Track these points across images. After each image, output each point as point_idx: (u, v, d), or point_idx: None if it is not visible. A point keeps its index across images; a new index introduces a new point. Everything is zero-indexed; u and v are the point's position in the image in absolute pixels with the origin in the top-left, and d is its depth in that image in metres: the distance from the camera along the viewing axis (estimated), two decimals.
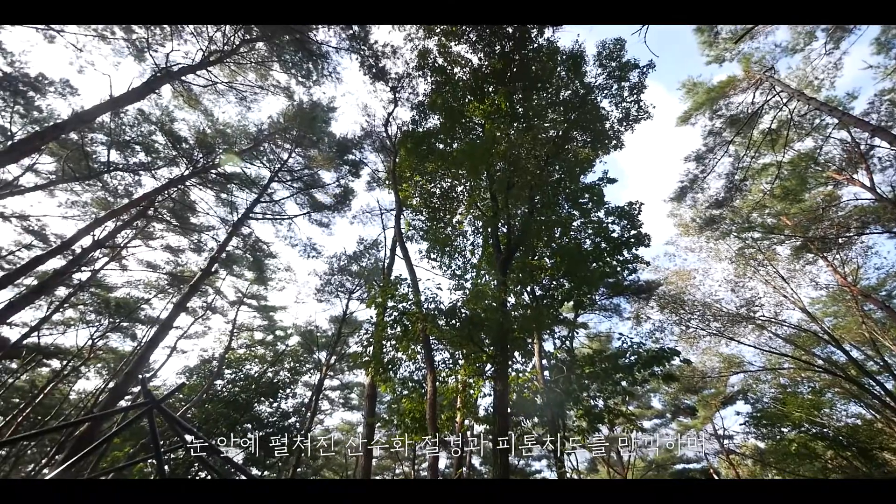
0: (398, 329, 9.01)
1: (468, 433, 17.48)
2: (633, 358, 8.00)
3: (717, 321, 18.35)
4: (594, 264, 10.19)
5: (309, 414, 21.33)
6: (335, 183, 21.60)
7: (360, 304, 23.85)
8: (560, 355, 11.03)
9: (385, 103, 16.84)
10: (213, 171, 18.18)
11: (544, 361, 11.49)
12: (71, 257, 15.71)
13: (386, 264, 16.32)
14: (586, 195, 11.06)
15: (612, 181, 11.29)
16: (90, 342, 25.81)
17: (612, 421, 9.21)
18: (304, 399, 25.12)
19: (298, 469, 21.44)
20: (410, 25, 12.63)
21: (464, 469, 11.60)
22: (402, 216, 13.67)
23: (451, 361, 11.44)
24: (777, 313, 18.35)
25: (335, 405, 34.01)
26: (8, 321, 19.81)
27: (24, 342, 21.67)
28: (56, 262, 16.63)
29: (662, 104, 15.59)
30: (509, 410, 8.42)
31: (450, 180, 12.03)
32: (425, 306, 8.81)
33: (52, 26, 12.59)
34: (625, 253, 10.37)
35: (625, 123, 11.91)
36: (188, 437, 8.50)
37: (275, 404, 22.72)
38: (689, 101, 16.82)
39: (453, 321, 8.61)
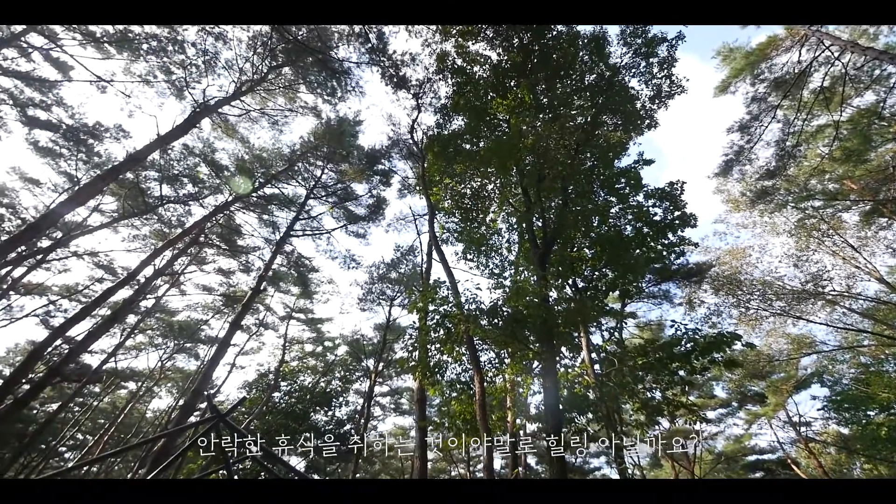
0: (441, 332, 9.05)
1: (521, 432, 17.26)
2: (689, 345, 7.58)
3: (781, 300, 17.04)
4: (637, 251, 9.79)
5: (362, 420, 21.89)
6: (367, 194, 22.11)
7: (402, 310, 24.23)
8: (610, 347, 10.66)
9: (409, 110, 17.06)
10: (254, 194, 19.14)
11: (593, 355, 11.13)
12: (137, 287, 17.06)
13: (424, 269, 16.47)
14: (622, 180, 10.65)
15: (649, 163, 10.80)
16: (160, 364, 27.90)
17: (671, 413, 8.76)
18: (356, 406, 25.80)
19: (357, 475, 22.02)
20: (418, 26, 12.73)
21: (519, 469, 11.44)
22: (434, 220, 13.77)
23: (496, 361, 11.35)
24: (850, 286, 16.79)
25: (386, 410, 34.68)
26: (89, 349, 21.79)
27: (104, 367, 23.76)
28: (125, 293, 18.08)
29: (697, 75, 14.76)
30: (561, 407, 8.22)
31: (479, 179, 11.98)
32: (466, 307, 8.80)
33: (103, 78, 13.74)
34: (669, 236, 9.89)
35: (657, 101, 11.36)
36: (253, 448, 8.93)
37: (329, 413, 23.47)
38: (727, 68, 15.79)
39: (495, 320, 8.54)
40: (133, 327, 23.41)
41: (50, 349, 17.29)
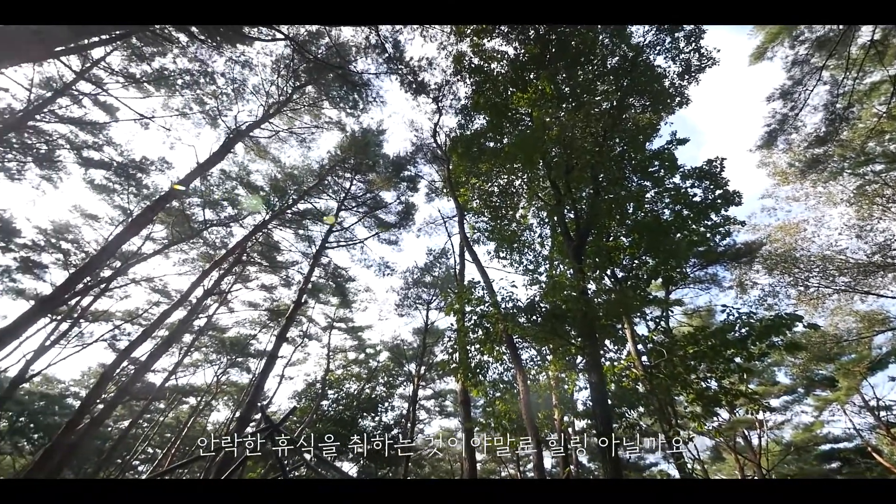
0: (480, 332, 9.00)
1: (569, 430, 16.87)
2: (743, 330, 7.13)
3: (845, 275, 15.74)
4: (678, 235, 9.35)
5: (409, 424, 22.15)
6: (396, 201, 22.42)
7: (439, 313, 24.34)
8: (657, 338, 10.22)
9: (430, 115, 17.18)
10: (289, 211, 19.87)
11: (640, 346, 10.72)
12: (189, 307, 18.10)
13: (457, 270, 16.49)
14: (655, 163, 10.22)
15: (683, 142, 10.30)
16: (215, 379, 29.46)
17: (730, 403, 8.28)
18: (402, 411, 26.14)
19: (408, 478, 22.28)
20: (432, 30, 12.77)
21: (571, 468, 11.17)
22: (464, 221, 13.75)
23: (538, 358, 11.17)
24: None
25: (432, 414, 34.91)
26: (152, 369, 23.32)
27: (167, 385, 25.37)
28: (179, 314, 19.24)
29: (728, 45, 13.94)
30: (609, 402, 7.96)
31: (506, 176, 11.86)
32: (503, 306, 8.71)
33: (145, 115, 14.71)
34: (712, 217, 9.39)
35: (686, 77, 10.82)
36: (306, 455, 9.23)
37: (376, 418, 23.92)
38: (761, 33, 14.82)
39: (534, 317, 8.40)
40: (189, 346, 24.88)
41: (118, 370, 18.65)
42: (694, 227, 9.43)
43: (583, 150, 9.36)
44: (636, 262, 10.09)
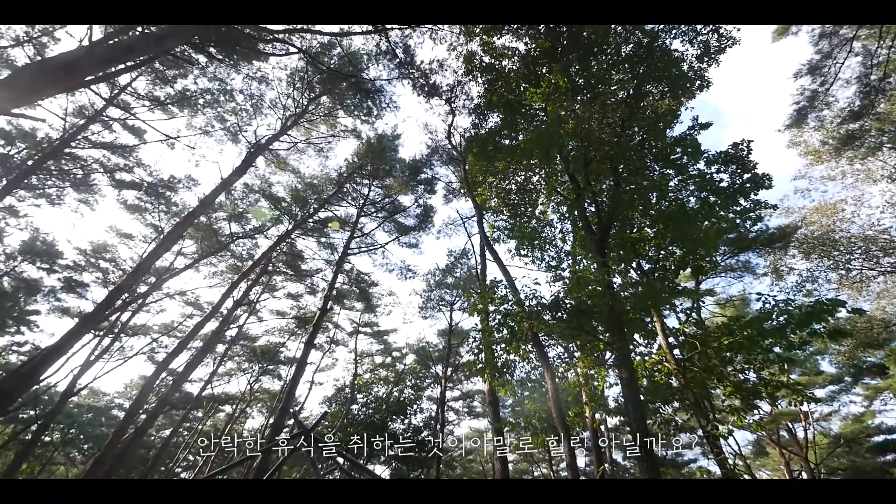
0: (505, 331, 8.94)
1: (602, 427, 16.53)
2: (781, 319, 6.81)
3: (890, 255, 14.86)
4: (705, 223, 9.04)
5: (438, 426, 22.19)
6: (414, 204, 22.57)
7: (462, 313, 24.33)
8: (688, 330, 9.90)
9: (443, 116, 17.22)
10: (311, 220, 20.27)
11: (671, 339, 10.41)
12: (221, 318, 18.69)
13: (479, 270, 16.44)
14: (678, 150, 9.91)
15: (706, 126, 9.96)
16: (249, 387, 30.29)
17: (771, 395, 7.93)
18: (430, 413, 26.24)
19: (442, 478, 22.31)
20: (442, 32, 12.78)
21: (605, 466, 10.94)
22: (483, 220, 13.70)
23: (566, 355, 11.00)
24: None
25: (460, 415, 34.89)
26: (189, 379, 24.18)
27: (203, 394, 26.26)
28: (212, 325, 19.88)
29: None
30: (642, 398, 7.76)
31: (523, 173, 11.75)
32: (527, 304, 8.63)
33: (170, 136, 15.32)
34: (741, 202, 9.03)
35: (705, 59, 10.46)
36: (339, 459, 9.35)
37: (406, 421, 24.07)
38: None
39: (559, 314, 8.29)
40: (222, 355, 25.68)
41: (158, 382, 19.44)
42: (722, 213, 9.09)
43: (601, 142, 9.17)
44: (662, 252, 9.81)
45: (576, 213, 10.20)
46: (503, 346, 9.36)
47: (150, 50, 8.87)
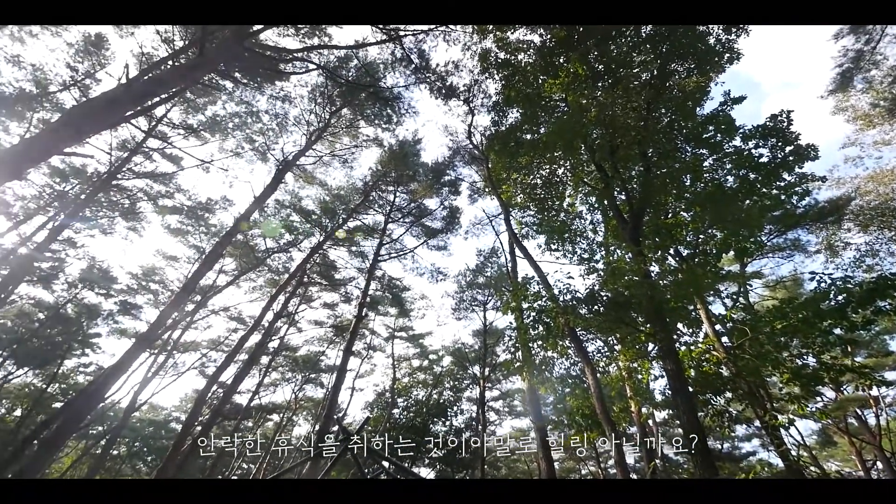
0: (540, 328, 8.80)
1: (649, 422, 15.95)
2: (840, 298, 6.34)
3: None
4: (746, 202, 8.57)
5: (480, 427, 22.11)
6: (440, 207, 22.64)
7: (496, 312, 24.16)
8: (736, 315, 9.40)
9: (462, 117, 17.19)
10: (341, 230, 20.77)
11: (718, 327, 9.92)
12: (263, 331, 19.43)
13: (509, 268, 16.29)
14: (710, 127, 9.45)
15: (739, 100, 9.44)
16: (293, 395, 31.31)
17: (834, 380, 7.41)
18: (471, 414, 26.18)
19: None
20: (455, 33, 12.76)
21: (656, 461, 10.54)
22: (510, 217, 13.57)
23: (606, 349, 10.71)
24: None
25: (501, 414, 34.62)
26: (237, 390, 25.26)
27: (252, 404, 27.36)
28: (255, 338, 20.70)
29: None
30: (691, 389, 7.43)
31: (547, 166, 11.57)
32: (561, 299, 8.46)
33: (205, 160, 16.12)
34: (785, 176, 8.50)
35: (734, 29, 9.92)
36: (385, 463, 9.50)
37: (447, 423, 24.14)
38: None
39: (595, 307, 8.07)
40: (267, 366, 26.67)
41: (210, 394, 20.43)
42: (764, 190, 8.59)
43: (626, 127, 8.89)
44: (702, 236, 9.37)
45: (605, 202, 9.92)
46: (540, 343, 9.22)
47: (180, 81, 9.38)
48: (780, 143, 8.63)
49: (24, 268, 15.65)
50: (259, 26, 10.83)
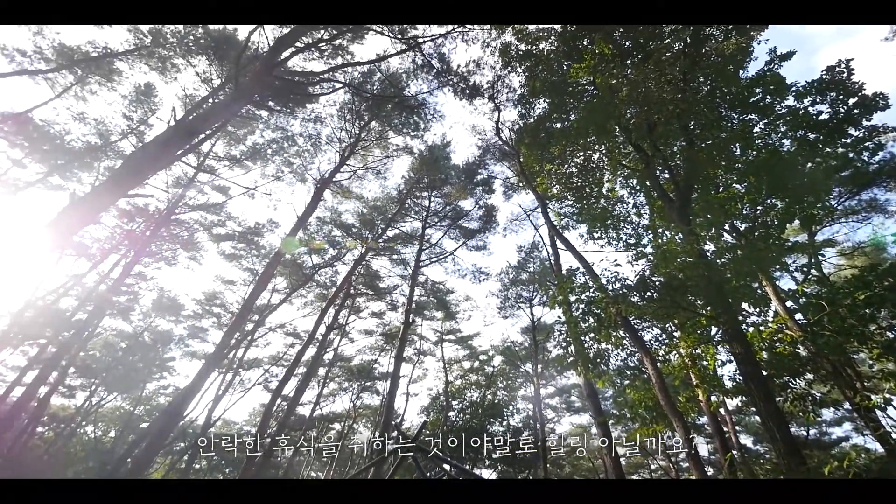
0: (591, 320, 8.52)
1: (721, 410, 14.95)
2: None
3: None
4: (808, 165, 7.86)
5: (538, 425, 21.72)
6: (475, 206, 22.59)
7: (543, 308, 23.70)
8: (809, 289, 8.61)
9: (489, 114, 17.07)
10: (381, 240, 21.25)
11: (789, 304, 9.13)
12: (318, 344, 20.24)
13: (552, 261, 15.93)
14: (757, 90, 8.76)
15: (787, 56, 8.69)
16: (351, 404, 32.31)
17: None
18: (527, 412, 25.79)
19: (550, 478, 21.76)
20: (472, 33, 12.69)
21: (733, 453, 9.85)
22: (548, 210, 13.29)
23: (664, 337, 10.18)
24: None
25: (559, 412, 33.86)
26: (300, 402, 26.44)
27: (314, 415, 28.53)
28: (311, 351, 21.59)
29: None
30: (764, 373, 6.88)
31: (581, 153, 11.21)
32: (610, 288, 8.14)
33: (250, 187, 17.08)
34: (851, 132, 7.71)
35: None
36: (445, 466, 9.56)
37: (504, 422, 23.91)
38: None
39: (648, 293, 7.70)
40: (324, 378, 27.75)
41: (275, 408, 21.55)
42: (828, 150, 7.84)
43: (662, 102, 8.43)
44: (760, 208, 8.68)
45: (647, 183, 9.46)
46: (592, 335, 8.92)
47: (221, 116, 10.02)
48: (840, 97, 7.85)
49: (106, 303, 17.29)
50: (286, 53, 11.35)
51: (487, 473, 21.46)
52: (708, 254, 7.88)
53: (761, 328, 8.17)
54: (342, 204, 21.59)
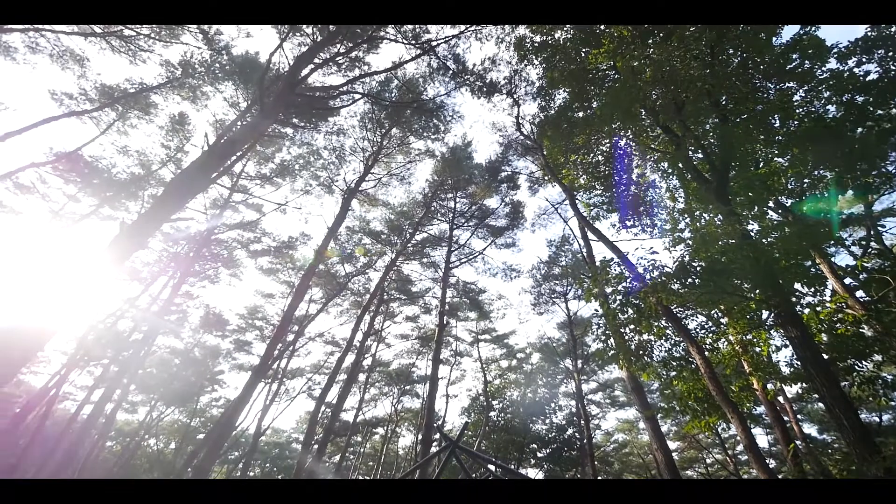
0: (630, 311, 8.25)
1: (779, 398, 14.08)
2: None
3: None
4: (858, 130, 7.29)
5: (582, 421, 21.23)
6: (502, 204, 22.42)
7: (578, 301, 23.20)
8: (870, 264, 7.98)
9: (508, 110, 16.91)
10: (409, 245, 21.46)
11: (848, 280, 8.49)
12: (356, 350, 20.66)
13: (584, 253, 15.56)
14: (793, 56, 8.22)
15: None
16: (393, 408, 32.75)
17: None
18: (570, 409, 25.27)
19: (599, 477, 21.21)
20: (486, 31, 12.58)
21: (796, 443, 9.25)
22: (576, 201, 13.00)
23: (710, 324, 9.72)
24: None
25: (603, 407, 32.96)
26: (343, 409, 27.07)
27: (357, 420, 29.11)
28: (350, 358, 22.08)
29: None
30: (826, 356, 6.43)
31: (607, 140, 10.90)
32: (647, 277, 7.85)
33: (281, 203, 17.70)
34: None
35: None
36: (490, 467, 9.50)
37: (547, 420, 23.53)
38: None
39: (689, 279, 7.37)
40: (365, 383, 28.29)
41: (320, 415, 22.16)
42: (880, 112, 7.24)
43: (690, 80, 8.06)
44: (807, 181, 8.14)
45: (680, 165, 9.06)
46: (632, 326, 8.64)
47: (250, 137, 10.43)
48: (891, 53, 7.24)
49: (158, 322, 18.36)
50: (306, 71, 11.69)
51: (533, 473, 21.17)
52: (752, 234, 7.45)
53: (818, 309, 7.64)
54: (370, 212, 22.00)
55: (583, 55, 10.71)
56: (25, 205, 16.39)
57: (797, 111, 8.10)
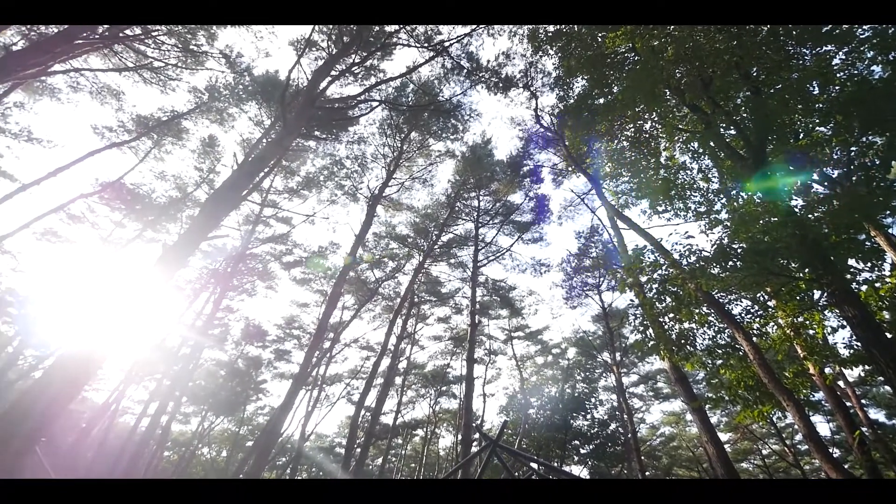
0: (668, 300, 7.95)
1: (839, 383, 13.19)
2: None
3: None
4: None
5: (625, 416, 20.65)
6: (526, 199, 22.16)
7: (613, 293, 22.59)
8: None
9: (526, 103, 16.69)
10: (436, 247, 21.56)
11: None
12: (391, 354, 20.94)
13: (616, 243, 15.13)
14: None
15: None
16: (431, 409, 32.97)
17: None
18: (612, 403, 24.63)
19: (646, 473, 20.56)
20: (497, 28, 12.45)
21: (862, 430, 8.64)
22: (602, 190, 12.67)
23: (757, 308, 9.23)
24: None
25: (646, 400, 31.93)
26: (382, 412, 27.49)
27: (397, 423, 29.48)
28: (386, 362, 22.40)
29: None
30: (889, 336, 5.96)
31: (631, 125, 10.56)
32: (683, 262, 7.55)
33: (309, 214, 18.18)
34: None
35: None
36: (533, 465, 9.36)
37: (587, 416, 23.03)
38: None
39: (730, 263, 7.02)
40: (402, 386, 28.62)
41: (360, 419, 22.60)
42: None
43: (716, 54, 7.69)
44: (854, 149, 7.58)
45: (711, 143, 8.65)
46: (671, 315, 8.32)
47: (275, 152, 10.78)
48: None
49: (203, 337, 19.27)
50: (324, 84, 11.97)
51: (577, 470, 20.78)
52: (796, 210, 7.02)
53: (877, 285, 7.11)
54: (395, 217, 22.27)
55: (599, 40, 10.43)
56: (78, 234, 17.62)
57: (838, 75, 7.57)
